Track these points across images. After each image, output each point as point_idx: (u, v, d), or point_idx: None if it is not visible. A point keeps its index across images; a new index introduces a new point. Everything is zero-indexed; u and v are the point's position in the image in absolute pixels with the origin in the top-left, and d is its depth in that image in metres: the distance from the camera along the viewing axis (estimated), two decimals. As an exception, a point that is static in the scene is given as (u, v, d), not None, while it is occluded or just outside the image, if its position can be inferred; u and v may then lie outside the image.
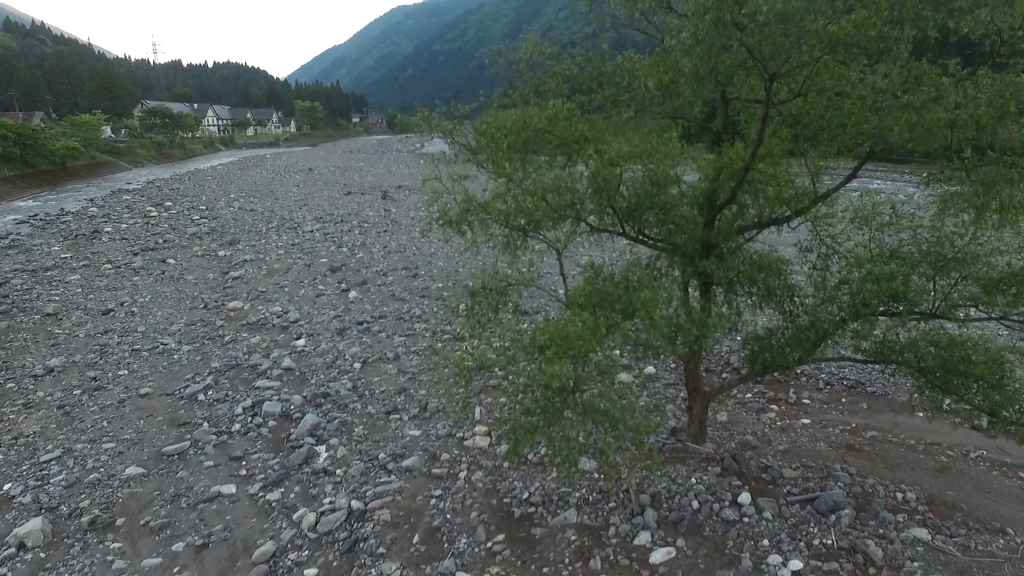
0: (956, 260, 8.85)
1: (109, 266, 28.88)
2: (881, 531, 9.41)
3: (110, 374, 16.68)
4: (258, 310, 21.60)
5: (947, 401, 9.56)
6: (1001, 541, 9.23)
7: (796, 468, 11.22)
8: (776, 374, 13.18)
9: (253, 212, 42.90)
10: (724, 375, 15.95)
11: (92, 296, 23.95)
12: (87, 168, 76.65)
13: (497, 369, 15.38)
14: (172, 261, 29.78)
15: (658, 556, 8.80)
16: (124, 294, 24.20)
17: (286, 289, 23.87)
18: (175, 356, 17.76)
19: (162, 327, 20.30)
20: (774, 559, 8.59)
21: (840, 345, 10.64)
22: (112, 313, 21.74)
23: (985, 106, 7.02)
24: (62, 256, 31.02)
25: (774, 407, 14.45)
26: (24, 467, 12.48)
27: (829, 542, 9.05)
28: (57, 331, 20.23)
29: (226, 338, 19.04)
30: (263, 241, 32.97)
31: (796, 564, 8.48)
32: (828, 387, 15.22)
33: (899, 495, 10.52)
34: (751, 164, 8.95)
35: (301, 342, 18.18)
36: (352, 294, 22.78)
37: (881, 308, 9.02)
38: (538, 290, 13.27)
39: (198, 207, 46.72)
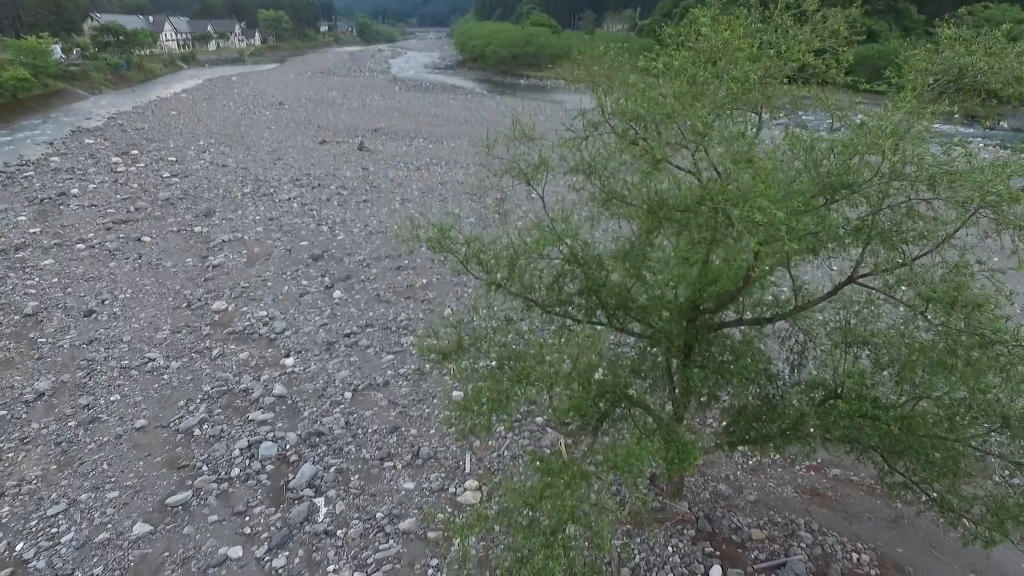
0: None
1: (82, 246, 28.21)
2: (835, 604, 10.50)
3: (102, 400, 16.90)
4: (243, 312, 21.64)
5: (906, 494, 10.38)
6: (939, 614, 10.40)
7: (764, 526, 12.21)
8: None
9: (225, 168, 41.51)
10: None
11: (71, 290, 23.60)
12: (40, 99, 72.14)
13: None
14: (148, 239, 29.16)
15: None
16: (103, 286, 23.89)
17: (269, 284, 23.78)
18: (164, 376, 17.97)
19: (147, 335, 20.32)
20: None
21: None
22: (95, 315, 21.58)
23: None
24: (31, 231, 30.09)
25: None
26: (32, 522, 12.96)
27: (789, 622, 10.13)
28: (40, 339, 20.14)
29: (214, 351, 19.21)
30: (239, 213, 32.26)
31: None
32: (797, 414, 16.12)
33: (855, 556, 11.62)
34: (739, 294, 9.20)
35: (290, 361, 18.46)
36: (336, 294, 22.83)
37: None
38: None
39: (167, 158, 44.98)
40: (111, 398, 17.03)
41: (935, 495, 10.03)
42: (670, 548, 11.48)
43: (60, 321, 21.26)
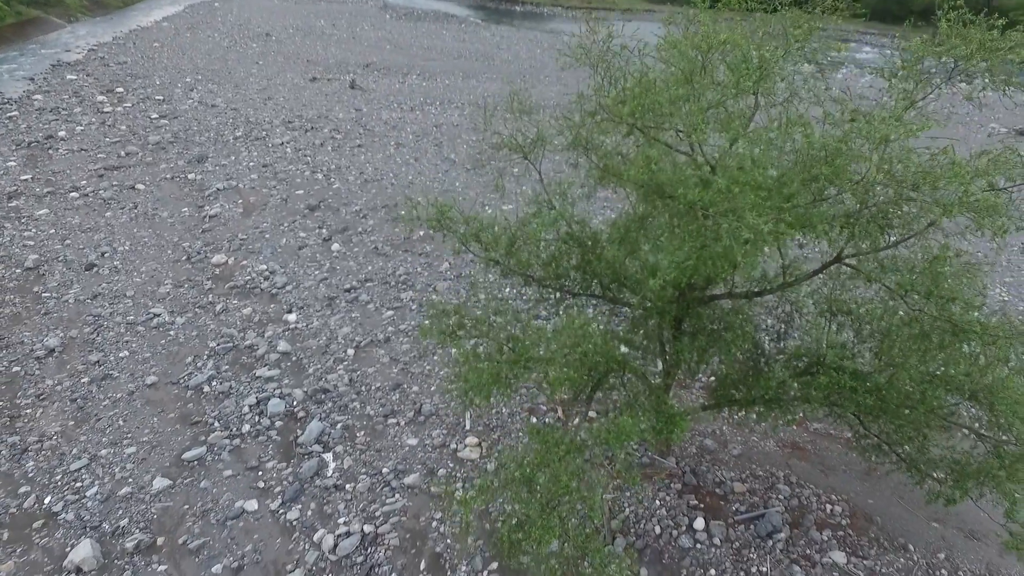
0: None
1: (76, 194, 28.00)
2: (807, 552, 11.46)
3: (112, 357, 17.42)
4: (243, 266, 21.89)
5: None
6: (901, 560, 11.37)
7: (746, 480, 13.07)
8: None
9: (215, 109, 40.53)
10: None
11: (69, 242, 23.69)
12: (15, 28, 69.00)
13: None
14: (141, 187, 28.92)
15: (624, 588, 10.73)
16: (101, 238, 23.98)
17: (267, 236, 23.90)
18: (171, 332, 18.44)
19: (150, 289, 20.64)
20: (718, 590, 10.59)
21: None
22: (96, 269, 21.81)
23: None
24: (22, 178, 29.72)
25: (733, 393, 16.10)
26: (57, 477, 13.73)
27: (764, 570, 11.07)
28: (44, 294, 20.44)
29: (217, 307, 19.61)
30: (233, 159, 31.85)
31: (735, 597, 10.50)
32: (783, 369, 16.84)
33: (829, 507, 12.52)
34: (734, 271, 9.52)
35: (292, 317, 18.90)
36: (335, 247, 23.03)
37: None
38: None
39: (153, 97, 43.74)
40: (120, 354, 17.55)
41: (904, 457, 10.76)
42: (657, 501, 12.34)
43: (62, 275, 21.49)
